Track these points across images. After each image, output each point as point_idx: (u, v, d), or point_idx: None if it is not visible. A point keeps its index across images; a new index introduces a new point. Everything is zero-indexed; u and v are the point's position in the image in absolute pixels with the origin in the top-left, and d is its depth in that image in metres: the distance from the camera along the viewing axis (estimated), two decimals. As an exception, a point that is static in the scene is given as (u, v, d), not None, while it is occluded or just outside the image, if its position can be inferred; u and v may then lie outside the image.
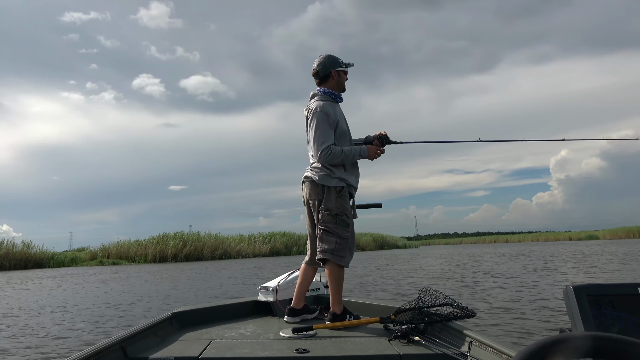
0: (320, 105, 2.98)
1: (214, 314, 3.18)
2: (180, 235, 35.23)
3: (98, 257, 32.87)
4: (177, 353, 2.24)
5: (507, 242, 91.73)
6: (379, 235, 59.74)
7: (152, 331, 2.51)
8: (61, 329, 6.18)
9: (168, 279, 15.29)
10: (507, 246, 50.30)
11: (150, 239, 34.92)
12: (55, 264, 31.12)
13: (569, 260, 17.46)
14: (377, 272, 14.50)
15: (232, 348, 2.35)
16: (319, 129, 2.93)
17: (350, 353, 2.25)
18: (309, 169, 3.06)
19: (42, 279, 17.64)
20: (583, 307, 1.22)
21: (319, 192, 2.95)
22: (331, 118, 2.96)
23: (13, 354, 4.80)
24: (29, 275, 21.45)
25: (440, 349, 2.22)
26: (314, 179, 2.96)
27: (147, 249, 33.27)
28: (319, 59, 3.14)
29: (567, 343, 0.79)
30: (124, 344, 2.16)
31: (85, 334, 5.70)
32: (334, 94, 3.11)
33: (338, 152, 2.92)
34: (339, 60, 3.13)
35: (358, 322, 2.85)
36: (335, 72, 3.10)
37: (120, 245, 34.40)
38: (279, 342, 2.48)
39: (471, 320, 4.02)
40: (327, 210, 2.91)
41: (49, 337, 5.62)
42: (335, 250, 2.87)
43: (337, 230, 2.89)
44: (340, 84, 3.13)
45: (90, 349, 1.92)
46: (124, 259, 32.91)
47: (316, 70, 3.12)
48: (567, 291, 1.26)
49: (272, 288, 3.35)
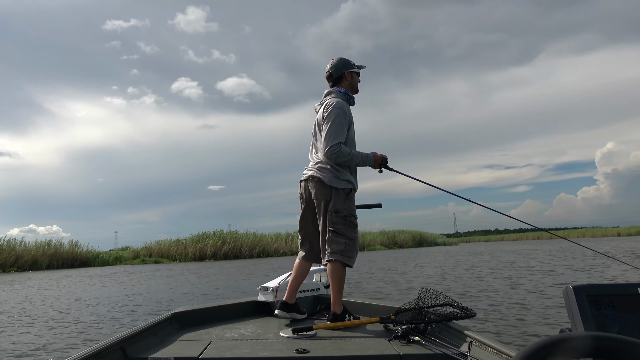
0: (340, 102, 3.03)
1: (214, 314, 3.17)
2: (219, 234, 35.69)
3: (140, 256, 33.74)
4: (177, 353, 2.23)
5: (551, 238, 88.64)
6: (417, 232, 59.00)
7: (151, 331, 2.51)
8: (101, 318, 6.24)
9: (208, 275, 15.41)
10: (551, 243, 48.46)
11: (190, 237, 35.55)
12: (100, 262, 32.12)
13: (622, 256, 16.51)
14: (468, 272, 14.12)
15: (232, 348, 2.34)
16: (334, 123, 2.95)
17: (350, 353, 2.24)
18: (313, 168, 3.05)
19: (90, 277, 18.18)
20: (583, 307, 1.22)
21: (326, 193, 2.97)
22: (347, 117, 3.01)
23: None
24: (75, 273, 22.21)
25: (440, 349, 2.21)
26: (323, 179, 2.96)
27: (187, 248, 33.89)
28: (331, 62, 3.22)
29: (567, 343, 0.79)
30: (124, 344, 2.15)
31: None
32: (349, 95, 3.18)
33: (347, 152, 2.94)
34: (351, 62, 3.21)
35: (358, 322, 2.84)
36: (349, 73, 3.18)
37: (161, 244, 35.18)
38: (279, 343, 2.47)
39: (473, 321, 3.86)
40: (336, 212, 2.94)
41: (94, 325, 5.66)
42: (344, 252, 2.92)
43: (346, 231, 2.94)
44: (353, 85, 3.22)
45: (90, 349, 1.91)
46: (165, 258, 33.63)
47: (329, 73, 3.20)
48: (567, 291, 1.26)
49: (272, 288, 3.35)
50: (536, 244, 45.41)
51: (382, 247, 48.15)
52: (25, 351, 4.86)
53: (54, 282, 16.09)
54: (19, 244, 29.16)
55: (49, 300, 9.95)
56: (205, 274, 16.91)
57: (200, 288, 11.32)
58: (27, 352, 4.83)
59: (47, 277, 19.02)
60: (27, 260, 28.14)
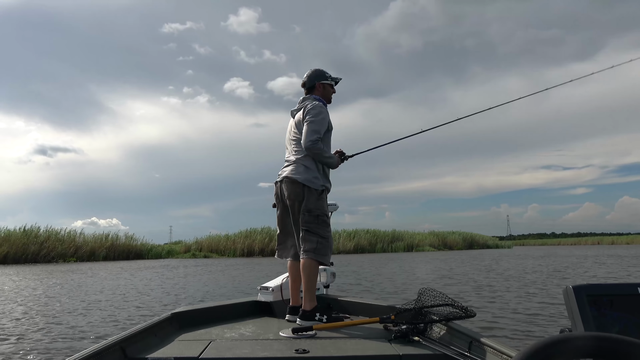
0: (320, 104, 3.17)
1: (214, 314, 3.17)
2: (267, 231, 36.12)
3: (191, 250, 34.73)
4: (177, 353, 2.22)
5: (612, 244, 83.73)
6: (467, 234, 57.53)
7: (151, 331, 2.50)
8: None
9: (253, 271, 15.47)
10: (614, 248, 45.63)
11: (239, 233, 36.25)
12: (153, 255, 33.34)
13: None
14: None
15: (232, 348, 2.34)
16: (317, 119, 3.06)
17: (350, 353, 2.23)
18: (287, 169, 3.13)
19: (143, 270, 18.75)
20: (583, 307, 1.21)
21: (300, 192, 3.03)
22: (327, 117, 3.15)
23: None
24: (130, 265, 23.06)
25: (440, 349, 2.21)
26: (296, 179, 3.03)
27: (235, 243, 34.56)
28: (307, 72, 3.36)
29: (567, 343, 0.79)
30: (124, 344, 2.14)
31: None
32: (323, 102, 3.27)
33: (321, 147, 3.05)
34: (325, 74, 3.33)
35: (358, 322, 2.83)
36: (320, 84, 3.30)
37: (211, 239, 36.08)
38: (278, 343, 2.47)
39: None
40: (309, 211, 3.00)
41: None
42: (317, 249, 2.96)
43: (319, 230, 3.00)
44: (325, 96, 3.32)
45: (90, 350, 1.90)
46: (214, 252, 34.42)
47: (303, 82, 3.35)
48: (567, 291, 1.24)
49: (272, 288, 3.37)
50: (598, 249, 42.79)
51: (431, 248, 47.14)
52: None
53: (112, 272, 16.70)
54: (78, 236, 30.75)
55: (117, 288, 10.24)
56: (242, 269, 16.99)
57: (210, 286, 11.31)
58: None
59: (104, 268, 19.83)
60: (86, 252, 29.65)
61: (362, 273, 14.37)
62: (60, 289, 10.72)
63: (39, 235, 28.59)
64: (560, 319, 5.63)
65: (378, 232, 43.79)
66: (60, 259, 27.71)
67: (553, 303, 6.87)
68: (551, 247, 67.33)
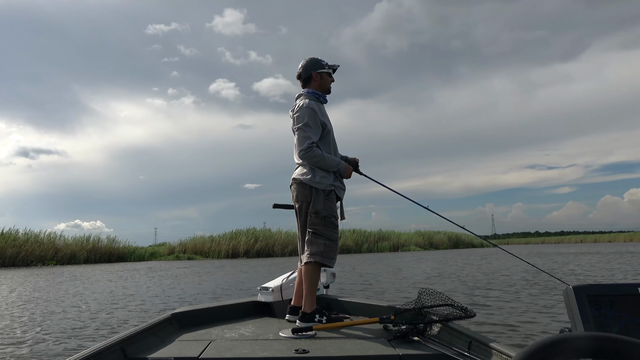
0: (307, 103, 2.99)
1: (214, 314, 3.16)
2: (252, 232, 35.82)
3: (175, 252, 34.25)
4: (177, 353, 2.22)
5: (595, 242, 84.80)
6: (453, 233, 57.74)
7: (151, 332, 2.49)
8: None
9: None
10: (597, 246, 46.20)
11: (224, 234, 35.86)
12: (136, 257, 32.80)
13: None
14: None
15: (232, 348, 2.33)
16: (304, 124, 2.91)
17: (350, 353, 2.23)
18: (296, 171, 3.06)
19: (124, 272, 18.37)
20: (583, 307, 1.21)
21: (307, 194, 2.95)
22: (318, 116, 2.96)
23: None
24: (111, 267, 22.61)
25: (440, 349, 2.21)
26: (302, 180, 2.95)
27: (220, 245, 34.17)
28: (302, 62, 3.18)
29: (567, 343, 0.79)
30: (124, 344, 2.13)
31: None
32: (318, 94, 3.12)
33: (319, 153, 2.91)
34: (321, 62, 3.15)
35: (358, 323, 2.82)
36: (317, 74, 3.12)
37: (196, 240, 35.64)
38: (278, 343, 2.47)
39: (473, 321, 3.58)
40: (316, 212, 2.92)
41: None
42: (324, 253, 2.89)
43: (326, 232, 2.92)
44: (323, 85, 3.15)
45: (90, 350, 1.90)
46: (199, 254, 33.99)
47: (299, 73, 3.17)
48: (567, 291, 1.25)
49: (271, 288, 3.37)
50: (585, 247, 43.27)
51: (417, 247, 47.21)
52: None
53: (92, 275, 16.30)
54: (58, 238, 30.11)
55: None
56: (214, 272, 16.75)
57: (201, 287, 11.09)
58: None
59: (84, 270, 19.38)
60: (66, 254, 29.00)
61: (346, 275, 14.25)
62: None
63: (18, 239, 27.90)
64: (560, 316, 5.57)
65: (364, 232, 43.74)
66: (40, 262, 27.07)
67: (553, 303, 6.80)
68: (535, 246, 67.91)
